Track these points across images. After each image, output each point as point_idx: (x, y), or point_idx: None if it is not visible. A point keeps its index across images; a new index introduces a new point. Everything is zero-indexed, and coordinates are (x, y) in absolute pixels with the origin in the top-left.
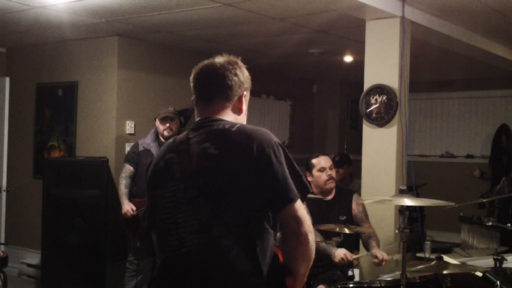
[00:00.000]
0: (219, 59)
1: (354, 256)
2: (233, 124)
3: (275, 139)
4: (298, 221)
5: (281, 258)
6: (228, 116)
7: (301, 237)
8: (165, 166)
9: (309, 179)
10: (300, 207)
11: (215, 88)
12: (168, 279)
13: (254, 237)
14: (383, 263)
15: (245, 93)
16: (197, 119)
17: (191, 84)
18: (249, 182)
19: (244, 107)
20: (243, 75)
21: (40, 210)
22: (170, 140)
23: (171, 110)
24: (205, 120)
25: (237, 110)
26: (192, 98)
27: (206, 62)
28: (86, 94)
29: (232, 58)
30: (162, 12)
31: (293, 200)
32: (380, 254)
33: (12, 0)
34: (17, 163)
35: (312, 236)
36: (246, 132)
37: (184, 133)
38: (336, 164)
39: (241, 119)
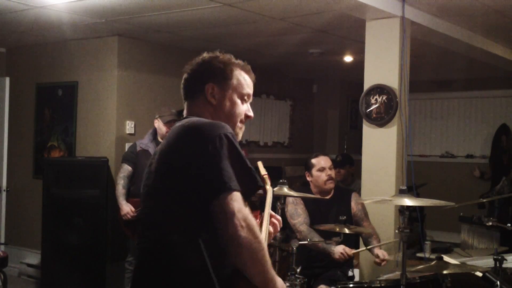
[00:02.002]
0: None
1: (354, 251)
2: (191, 120)
3: (223, 131)
4: (226, 215)
5: None
6: (202, 113)
7: (227, 234)
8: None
9: (309, 178)
10: (234, 201)
11: (185, 90)
12: (138, 274)
13: (204, 234)
14: (384, 262)
15: (211, 84)
16: None
17: None
18: (191, 176)
19: (215, 98)
20: (203, 67)
21: (40, 210)
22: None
23: (174, 112)
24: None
25: (208, 104)
26: None
27: None
28: (86, 94)
29: (214, 53)
30: (162, 12)
31: (222, 191)
32: (382, 253)
33: (12, 0)
34: (17, 163)
35: (246, 232)
36: (193, 125)
37: None
38: (338, 164)
39: (216, 112)
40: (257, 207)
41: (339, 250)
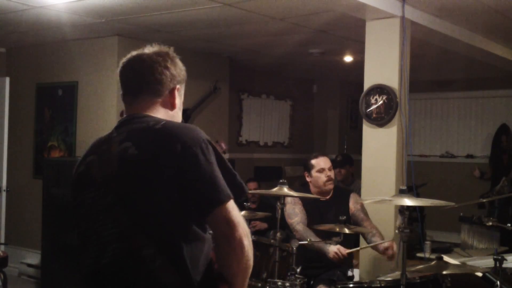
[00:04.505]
0: (148, 50)
1: (348, 251)
2: (158, 121)
3: (203, 136)
4: (230, 224)
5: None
6: (158, 112)
7: (235, 242)
8: (86, 169)
9: (308, 179)
10: (233, 209)
11: (142, 83)
12: None
13: (182, 245)
14: (395, 254)
15: (178, 86)
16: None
17: (119, 78)
18: (174, 184)
19: (178, 101)
20: (175, 67)
21: (40, 210)
22: (94, 141)
23: None
24: (129, 117)
25: (169, 105)
26: (121, 94)
27: (133, 53)
28: (86, 94)
29: (163, 49)
30: (162, 12)
31: (223, 202)
32: (388, 242)
33: (12, 0)
34: (17, 163)
35: (248, 240)
36: (171, 129)
37: (108, 132)
38: (338, 164)
39: (174, 115)
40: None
41: (334, 249)
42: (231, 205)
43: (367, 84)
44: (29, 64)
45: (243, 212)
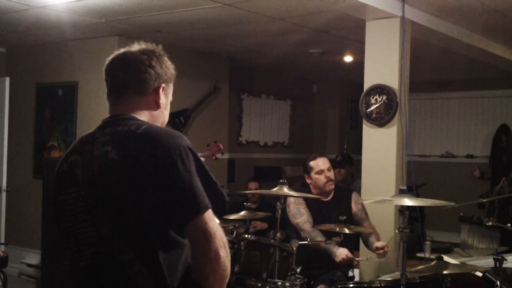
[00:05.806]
0: (134, 48)
1: (357, 259)
2: (140, 125)
3: (185, 143)
4: (206, 236)
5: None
6: (142, 112)
7: (211, 253)
8: (68, 169)
9: (308, 181)
10: (210, 219)
11: (126, 82)
12: None
13: (160, 251)
14: (385, 251)
15: (163, 85)
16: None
17: (104, 76)
18: (152, 192)
19: (163, 100)
20: (161, 65)
21: (40, 210)
22: (77, 140)
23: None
24: (113, 118)
25: (154, 105)
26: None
27: (118, 52)
28: (86, 94)
29: (149, 47)
30: (162, 12)
31: (200, 212)
32: (380, 243)
33: (12, 0)
34: (17, 163)
35: (224, 252)
36: (152, 135)
37: (92, 131)
38: (338, 164)
39: (159, 114)
40: None
41: (342, 255)
42: (208, 216)
43: (367, 84)
44: (29, 64)
45: (243, 212)
